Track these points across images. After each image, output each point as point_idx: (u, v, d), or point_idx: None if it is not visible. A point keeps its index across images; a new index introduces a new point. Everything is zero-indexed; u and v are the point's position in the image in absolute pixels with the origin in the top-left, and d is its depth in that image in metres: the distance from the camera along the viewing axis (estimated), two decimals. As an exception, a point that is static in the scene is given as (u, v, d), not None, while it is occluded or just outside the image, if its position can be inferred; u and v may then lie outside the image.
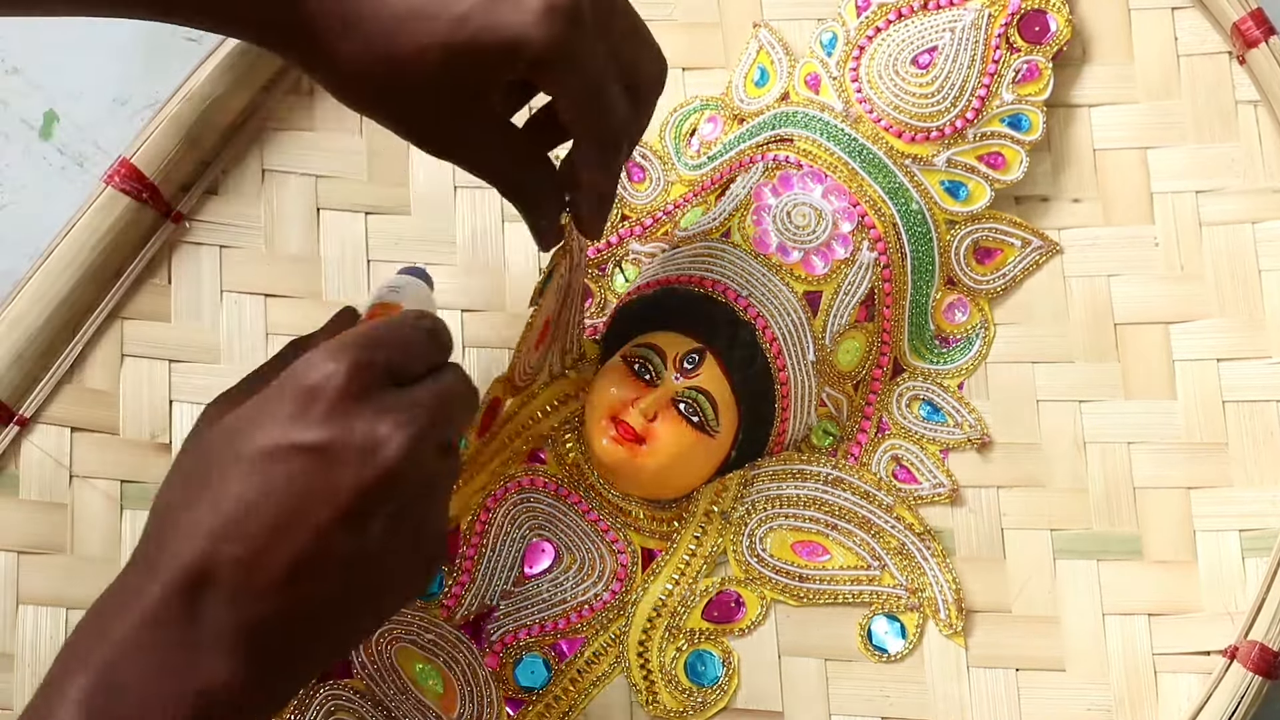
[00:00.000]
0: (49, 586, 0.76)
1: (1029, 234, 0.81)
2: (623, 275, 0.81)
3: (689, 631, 0.75)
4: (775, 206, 0.77)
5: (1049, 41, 0.81)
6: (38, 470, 0.77)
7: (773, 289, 0.76)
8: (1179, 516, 0.77)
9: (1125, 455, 0.78)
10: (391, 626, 0.75)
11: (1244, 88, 0.81)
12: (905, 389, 0.79)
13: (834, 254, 0.77)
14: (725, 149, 0.81)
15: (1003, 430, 0.79)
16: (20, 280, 0.77)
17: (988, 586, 0.76)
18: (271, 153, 0.82)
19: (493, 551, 0.76)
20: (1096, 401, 0.79)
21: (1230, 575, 0.76)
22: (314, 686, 0.74)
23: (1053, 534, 0.77)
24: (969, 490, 0.78)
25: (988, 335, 0.80)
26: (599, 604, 0.76)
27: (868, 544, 0.76)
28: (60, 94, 0.85)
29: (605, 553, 0.76)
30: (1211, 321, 0.79)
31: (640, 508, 0.77)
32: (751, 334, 0.75)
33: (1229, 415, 0.78)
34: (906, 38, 0.80)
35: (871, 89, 0.79)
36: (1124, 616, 0.76)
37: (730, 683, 0.75)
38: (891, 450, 0.78)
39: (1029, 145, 0.80)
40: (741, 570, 0.76)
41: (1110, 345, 0.79)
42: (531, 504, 0.77)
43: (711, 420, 0.74)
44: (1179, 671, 0.75)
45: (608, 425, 0.74)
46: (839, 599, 0.76)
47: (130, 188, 0.78)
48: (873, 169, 0.78)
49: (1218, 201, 0.81)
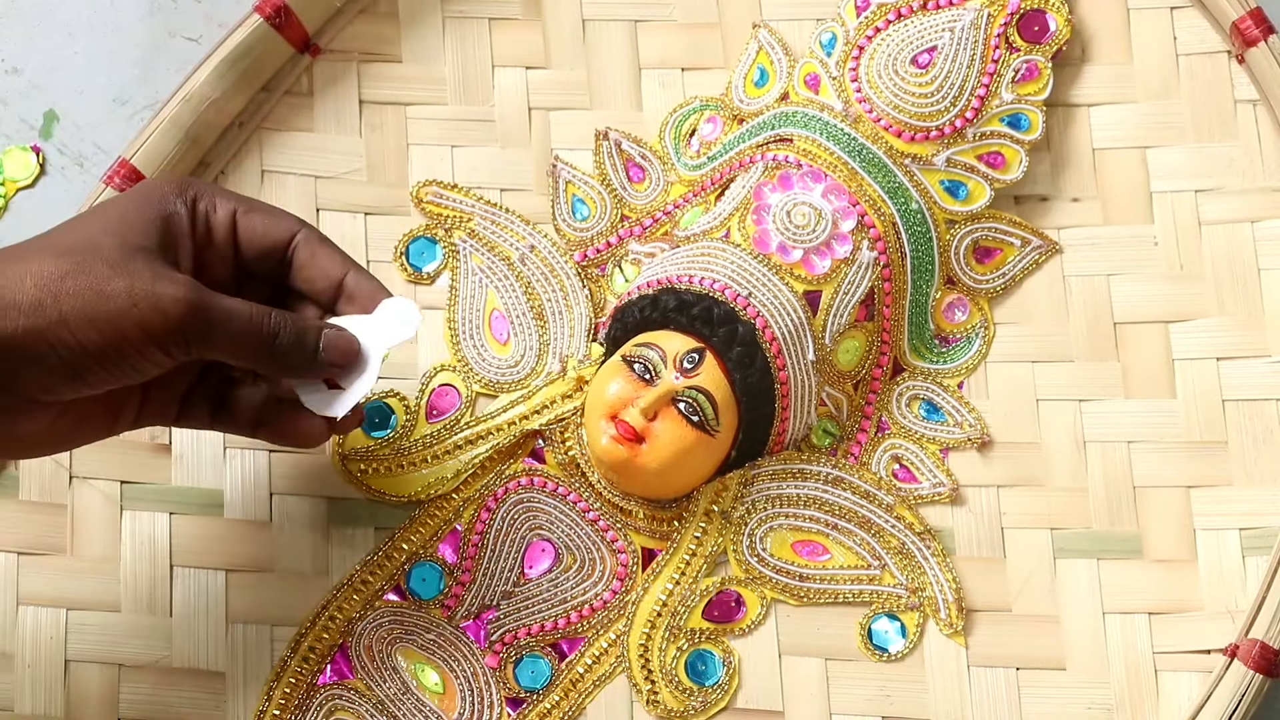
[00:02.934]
0: (49, 586, 0.75)
1: (1028, 233, 0.81)
2: (623, 275, 0.81)
3: (690, 631, 0.75)
4: (775, 206, 0.77)
5: (1048, 41, 0.81)
6: (37, 470, 0.77)
7: (773, 289, 0.76)
8: (1179, 515, 0.77)
9: (1125, 455, 0.78)
10: (392, 626, 0.75)
11: (1243, 87, 0.81)
12: (905, 388, 0.79)
13: (834, 253, 0.77)
14: (725, 149, 0.81)
15: (1003, 430, 0.79)
16: (20, 280, 0.77)
17: (988, 586, 0.76)
18: (271, 153, 0.82)
19: (493, 551, 0.76)
20: (1096, 401, 0.79)
21: (1230, 574, 0.76)
22: (315, 687, 0.74)
23: (1053, 533, 0.77)
24: (969, 490, 0.78)
25: (987, 335, 0.80)
26: (599, 604, 0.76)
27: (868, 543, 0.76)
28: (60, 94, 0.85)
29: (605, 553, 0.76)
30: (1211, 320, 0.79)
31: (640, 507, 0.77)
32: (751, 334, 0.75)
33: (1229, 414, 0.78)
34: (906, 37, 0.80)
35: (871, 89, 0.79)
36: (1124, 615, 0.76)
37: (731, 682, 0.75)
38: (891, 450, 0.78)
39: (1028, 145, 0.80)
40: (742, 570, 0.76)
41: (1110, 345, 0.79)
42: (531, 504, 0.77)
43: (711, 420, 0.74)
44: (1179, 670, 0.75)
45: (608, 425, 0.74)
46: (839, 599, 0.76)
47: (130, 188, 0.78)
48: (872, 168, 0.78)
49: (1217, 201, 0.81)
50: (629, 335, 0.76)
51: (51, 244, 0.63)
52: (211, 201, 0.67)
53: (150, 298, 0.61)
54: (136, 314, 0.61)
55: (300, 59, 0.82)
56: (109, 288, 0.61)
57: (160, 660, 0.75)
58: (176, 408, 0.69)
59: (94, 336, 0.61)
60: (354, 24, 0.83)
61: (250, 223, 0.68)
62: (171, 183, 0.67)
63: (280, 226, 0.68)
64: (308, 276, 0.68)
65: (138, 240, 0.63)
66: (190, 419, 0.69)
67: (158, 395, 0.68)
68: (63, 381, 0.62)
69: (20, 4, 0.86)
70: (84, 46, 0.86)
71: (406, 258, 0.81)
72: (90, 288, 0.61)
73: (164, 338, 0.61)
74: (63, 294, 0.60)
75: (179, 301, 0.61)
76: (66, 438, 0.66)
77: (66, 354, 0.61)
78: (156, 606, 0.76)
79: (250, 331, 0.64)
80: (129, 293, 0.61)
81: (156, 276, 0.62)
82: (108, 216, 0.64)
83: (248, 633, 0.75)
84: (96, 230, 0.63)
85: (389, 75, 0.83)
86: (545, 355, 0.79)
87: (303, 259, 0.68)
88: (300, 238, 0.68)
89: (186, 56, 0.84)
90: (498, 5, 0.84)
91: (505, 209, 0.81)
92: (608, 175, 0.82)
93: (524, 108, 0.83)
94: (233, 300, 0.64)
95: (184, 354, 0.63)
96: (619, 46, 0.84)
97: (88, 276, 0.61)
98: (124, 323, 0.61)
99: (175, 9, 0.86)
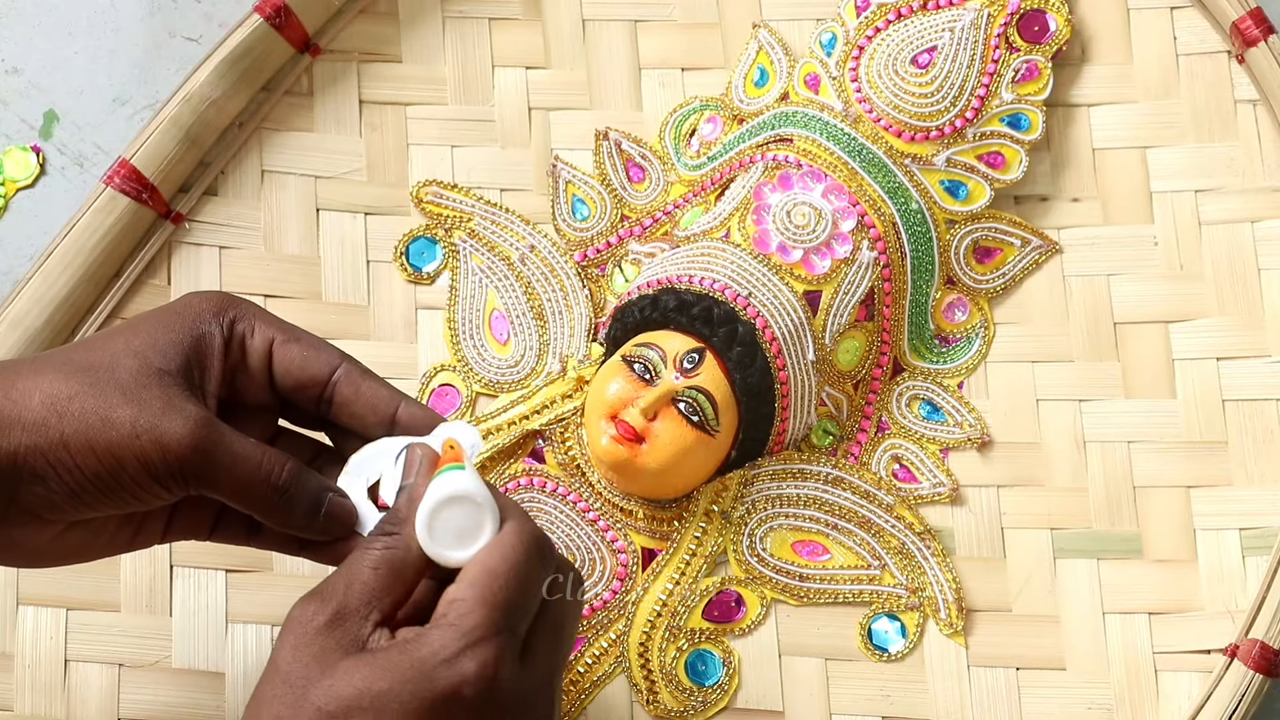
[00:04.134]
0: (50, 587, 0.75)
1: (1028, 233, 0.81)
2: (623, 275, 0.81)
3: (689, 631, 0.75)
4: (775, 206, 0.77)
5: (1048, 41, 0.81)
6: (37, 471, 0.77)
7: (773, 289, 0.76)
8: (1179, 515, 0.77)
9: (1125, 454, 0.78)
10: None
11: (1243, 87, 0.81)
12: (905, 388, 0.79)
13: (834, 253, 0.77)
14: (725, 149, 0.81)
15: (1003, 430, 0.79)
16: (20, 280, 0.77)
17: (988, 586, 0.76)
18: (271, 153, 0.82)
19: (493, 551, 0.76)
20: (1096, 401, 0.79)
21: (1230, 574, 0.76)
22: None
23: (1053, 533, 0.77)
24: (969, 490, 0.78)
25: (987, 335, 0.80)
26: (599, 604, 0.76)
27: (868, 543, 0.77)
28: (60, 94, 0.85)
29: (605, 553, 0.76)
30: (1211, 320, 0.79)
31: (640, 507, 0.77)
32: (751, 333, 0.75)
33: (1229, 414, 0.78)
34: (906, 37, 0.80)
35: (871, 89, 0.79)
36: (1124, 615, 0.76)
37: (731, 682, 0.75)
38: (891, 450, 0.78)
39: (1028, 145, 0.80)
40: (742, 570, 0.76)
41: (1110, 344, 0.80)
42: (531, 504, 0.77)
43: (711, 420, 0.74)
44: (1179, 670, 0.75)
45: (608, 425, 0.74)
46: (839, 598, 0.76)
47: (130, 188, 0.78)
48: (872, 168, 0.78)
49: (1217, 201, 0.81)
50: (629, 335, 0.76)
51: (70, 360, 0.60)
52: (250, 325, 0.63)
53: (153, 431, 0.59)
54: (137, 446, 0.59)
55: (300, 59, 0.82)
56: (114, 415, 0.59)
57: (160, 660, 0.75)
58: (210, 524, 0.66)
59: (91, 462, 0.59)
60: (354, 24, 0.83)
61: (287, 353, 0.64)
62: (212, 300, 0.63)
63: (319, 361, 0.64)
64: (353, 413, 0.64)
65: (159, 363, 0.60)
66: (226, 535, 0.66)
67: (189, 512, 0.65)
68: (64, 501, 0.59)
69: (20, 4, 0.86)
70: (84, 46, 0.86)
71: (406, 258, 0.81)
72: (95, 412, 0.59)
73: (162, 473, 0.59)
74: (67, 415, 0.58)
75: (183, 441, 0.59)
76: (78, 552, 0.63)
77: (66, 475, 0.59)
78: (156, 606, 0.76)
79: (255, 481, 0.61)
80: (133, 423, 0.59)
81: (167, 408, 0.59)
82: (135, 334, 0.61)
83: (248, 633, 0.75)
84: (120, 349, 0.61)
85: (389, 75, 0.83)
86: (545, 355, 0.79)
87: (346, 395, 0.64)
88: (341, 374, 0.64)
89: (186, 56, 0.84)
90: (498, 5, 0.84)
91: (505, 209, 0.81)
92: (608, 175, 0.82)
93: (524, 108, 0.83)
94: (245, 443, 0.61)
95: (183, 491, 0.60)
96: (619, 46, 0.84)
97: (96, 400, 0.59)
98: (123, 453, 0.59)
99: (175, 9, 0.86)
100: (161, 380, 0.60)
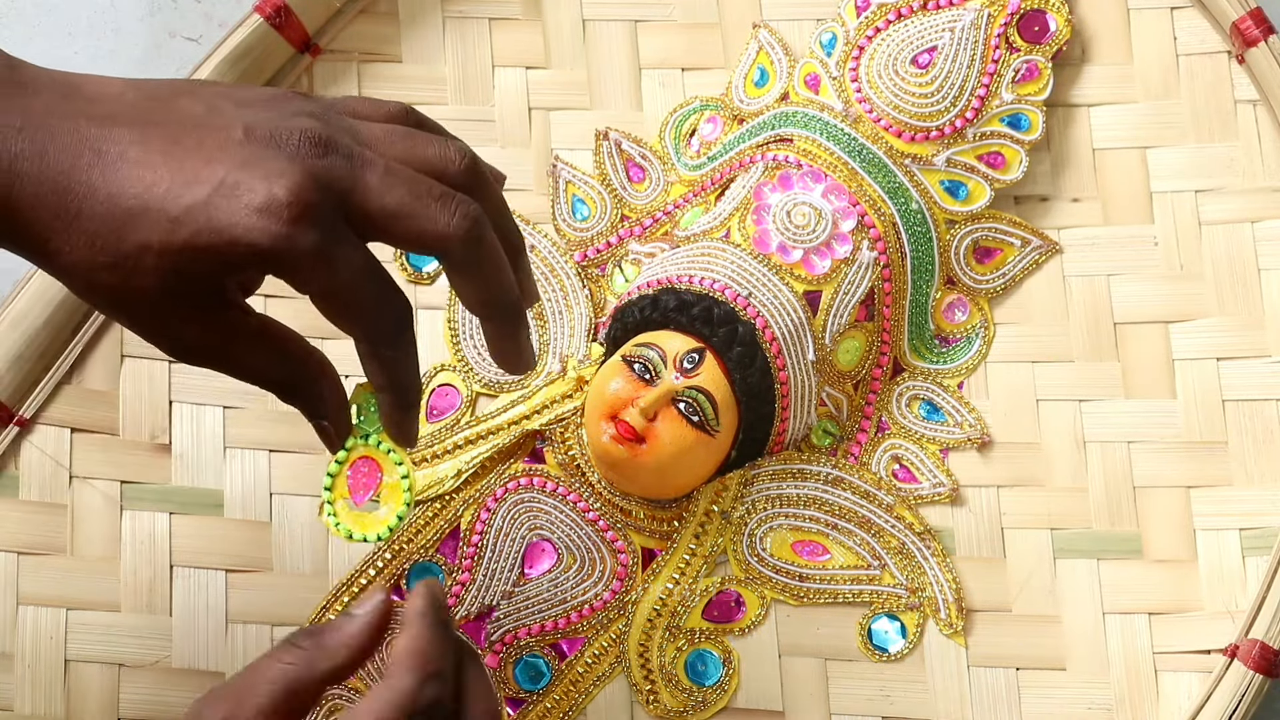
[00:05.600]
0: (49, 587, 0.75)
1: (1029, 233, 0.81)
2: (623, 275, 0.81)
3: (689, 631, 0.75)
4: (775, 206, 0.77)
5: (1048, 41, 0.81)
6: (38, 471, 0.77)
7: (773, 289, 0.76)
8: (1179, 516, 0.77)
9: (1125, 454, 0.78)
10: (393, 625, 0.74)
11: (1243, 87, 0.81)
12: (905, 388, 0.79)
13: (834, 253, 0.77)
14: (725, 149, 0.81)
15: (1003, 430, 0.79)
16: (20, 280, 0.77)
17: (988, 586, 0.76)
18: (271, 153, 0.82)
19: (493, 551, 0.76)
20: (1096, 401, 0.79)
21: (1230, 574, 0.76)
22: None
23: (1053, 533, 0.77)
24: (969, 490, 0.78)
25: (988, 335, 0.80)
26: (599, 604, 0.76)
27: (868, 543, 0.77)
28: (60, 94, 0.85)
29: (605, 553, 0.76)
30: (1211, 321, 0.79)
31: (640, 507, 0.77)
32: (751, 334, 0.75)
33: (1229, 414, 0.78)
34: (906, 38, 0.80)
35: (871, 89, 0.79)
36: (1124, 615, 0.76)
37: (730, 682, 0.75)
38: (891, 450, 0.78)
39: (1029, 145, 0.80)
40: (742, 570, 0.76)
41: (1110, 345, 0.80)
42: (531, 504, 0.77)
43: (711, 420, 0.74)
44: (1179, 670, 0.75)
45: (608, 425, 0.74)
46: (839, 599, 0.76)
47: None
48: (872, 169, 0.78)
49: (1217, 201, 0.81)
50: (629, 335, 0.76)
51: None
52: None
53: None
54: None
55: (300, 59, 0.82)
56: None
57: (160, 660, 0.75)
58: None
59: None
60: (354, 24, 0.83)
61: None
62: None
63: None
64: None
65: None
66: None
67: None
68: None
69: (20, 4, 0.86)
70: (84, 46, 0.86)
71: (406, 257, 0.81)
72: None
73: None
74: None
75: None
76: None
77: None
78: (156, 606, 0.76)
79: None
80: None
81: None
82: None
83: (248, 633, 0.75)
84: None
85: (389, 75, 0.83)
86: (545, 355, 0.79)
87: None
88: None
89: (186, 56, 0.84)
90: (498, 5, 0.84)
91: (505, 209, 0.81)
92: (608, 175, 0.82)
93: (524, 107, 0.83)
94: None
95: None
96: (619, 46, 0.84)
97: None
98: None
99: (175, 9, 0.86)
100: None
